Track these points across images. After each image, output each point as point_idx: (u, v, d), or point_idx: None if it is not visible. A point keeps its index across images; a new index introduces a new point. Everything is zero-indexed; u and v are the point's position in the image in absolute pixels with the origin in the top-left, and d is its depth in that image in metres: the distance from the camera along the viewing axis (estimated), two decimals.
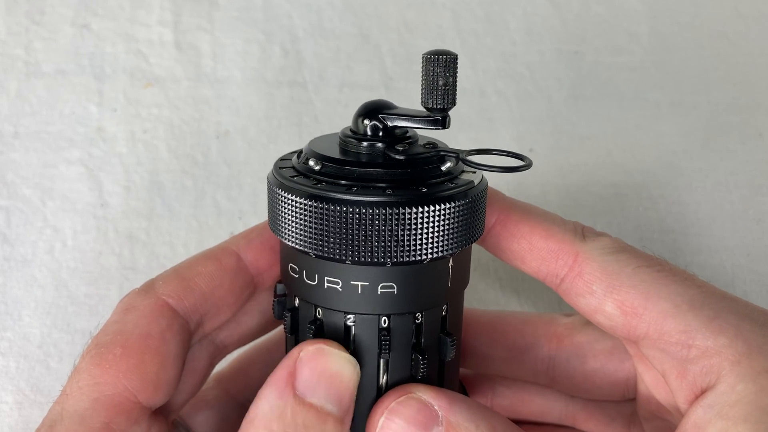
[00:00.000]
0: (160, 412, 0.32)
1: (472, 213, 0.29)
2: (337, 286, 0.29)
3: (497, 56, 0.55)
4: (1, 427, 0.41)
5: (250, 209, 0.48)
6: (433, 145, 0.31)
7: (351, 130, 0.31)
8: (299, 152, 0.33)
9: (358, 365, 0.29)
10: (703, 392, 0.28)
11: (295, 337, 0.32)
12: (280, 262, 0.33)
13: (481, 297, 0.48)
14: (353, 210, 0.27)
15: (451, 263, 0.30)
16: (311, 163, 0.30)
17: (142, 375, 0.29)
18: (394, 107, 0.31)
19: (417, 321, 0.30)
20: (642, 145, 0.53)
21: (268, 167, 0.49)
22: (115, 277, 0.45)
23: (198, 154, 0.49)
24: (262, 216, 0.48)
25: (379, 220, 0.27)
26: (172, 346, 0.31)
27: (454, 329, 0.32)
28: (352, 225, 0.27)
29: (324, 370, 0.28)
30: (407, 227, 0.28)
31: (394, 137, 0.30)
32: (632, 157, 0.53)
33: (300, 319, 0.31)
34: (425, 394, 0.28)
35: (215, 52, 0.52)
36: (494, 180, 0.33)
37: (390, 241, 0.28)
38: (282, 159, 0.33)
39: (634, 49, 0.57)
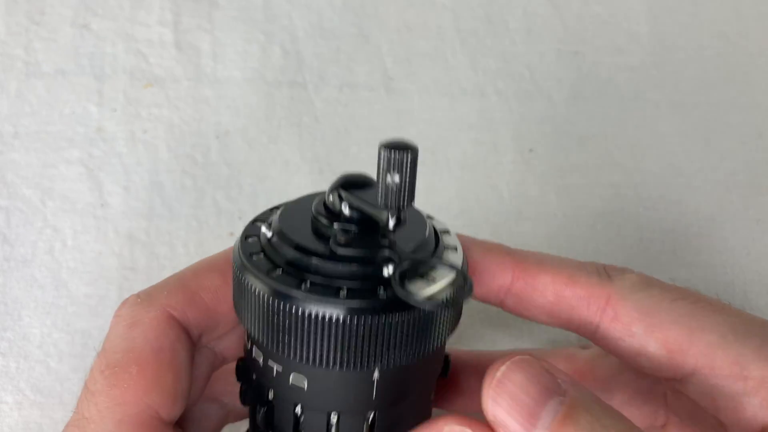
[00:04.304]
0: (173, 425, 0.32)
1: (395, 334, 0.26)
2: (259, 359, 0.28)
3: (497, 56, 0.55)
4: (1, 427, 0.41)
5: (250, 209, 0.48)
6: (389, 241, 0.27)
7: (321, 206, 0.28)
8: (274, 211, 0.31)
9: None
10: (764, 428, 0.27)
11: (252, 409, 0.31)
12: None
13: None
14: (263, 295, 0.25)
15: (376, 375, 0.27)
16: (263, 229, 0.28)
17: (161, 390, 0.29)
18: (368, 184, 0.27)
19: (331, 421, 0.28)
20: (642, 145, 0.53)
21: (268, 167, 0.49)
22: (115, 277, 0.45)
23: (198, 154, 0.49)
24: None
25: (282, 314, 0.25)
26: (182, 357, 0.31)
27: None
28: (261, 309, 0.26)
29: None
30: (312, 330, 0.25)
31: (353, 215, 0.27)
32: (632, 157, 0.53)
33: (241, 371, 0.31)
34: (549, 366, 0.26)
35: (215, 52, 0.52)
36: (495, 181, 0.33)
37: (293, 339, 0.25)
38: (273, 208, 0.31)
39: (634, 49, 0.57)
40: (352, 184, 0.27)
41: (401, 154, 0.25)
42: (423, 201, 0.30)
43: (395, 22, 0.55)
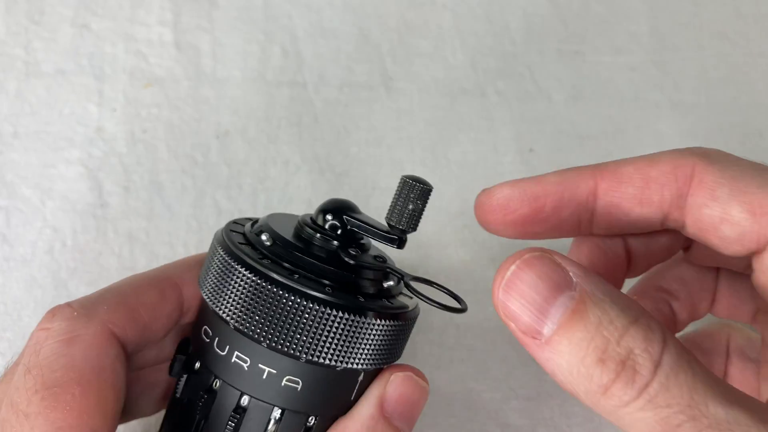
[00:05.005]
0: None
1: (398, 336, 0.30)
2: (245, 365, 0.29)
3: (497, 56, 0.55)
4: None
5: (249, 209, 0.48)
6: (382, 259, 0.32)
7: (311, 219, 0.31)
8: (255, 221, 0.33)
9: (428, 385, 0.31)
10: None
11: (182, 401, 0.31)
12: (196, 320, 0.32)
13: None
14: (287, 296, 0.27)
15: (361, 377, 0.30)
16: (263, 237, 0.30)
17: (103, 413, 0.28)
18: (359, 212, 0.31)
19: (308, 424, 0.30)
20: (642, 145, 0.53)
21: (268, 167, 0.49)
22: (115, 277, 0.45)
23: (198, 154, 0.49)
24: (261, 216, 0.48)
25: (309, 314, 0.27)
26: (122, 377, 0.29)
27: None
28: (282, 310, 0.27)
29: (410, 398, 0.30)
30: (334, 330, 0.28)
31: (350, 239, 0.31)
32: None
33: (196, 384, 0.30)
34: (561, 259, 0.26)
35: (215, 52, 0.52)
36: (495, 181, 0.33)
37: (313, 338, 0.27)
38: (235, 222, 0.33)
39: (634, 49, 0.57)
40: (340, 208, 0.31)
41: (423, 188, 0.29)
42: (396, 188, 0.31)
43: (395, 22, 0.55)
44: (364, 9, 0.55)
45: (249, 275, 0.28)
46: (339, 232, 0.30)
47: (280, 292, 0.27)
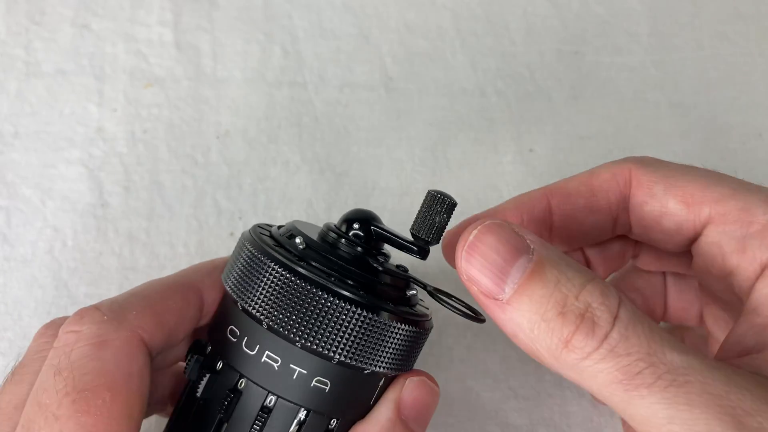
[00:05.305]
0: None
1: (419, 342, 0.31)
2: (275, 364, 0.29)
3: (497, 56, 0.55)
4: None
5: (250, 209, 0.48)
6: (405, 269, 0.33)
7: (336, 227, 0.32)
8: (280, 226, 0.34)
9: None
10: (764, 267, 0.28)
11: (199, 401, 0.31)
12: (218, 321, 0.32)
13: None
14: (326, 297, 0.28)
15: (381, 382, 0.31)
16: (297, 240, 0.31)
17: (130, 419, 0.28)
18: (382, 222, 0.33)
19: (329, 427, 0.30)
20: (642, 145, 0.53)
21: (268, 167, 0.49)
22: (115, 277, 0.45)
23: (198, 154, 0.49)
24: (261, 216, 0.48)
25: (346, 316, 0.28)
26: (148, 383, 0.30)
27: None
28: (320, 311, 0.28)
29: (424, 402, 0.31)
30: (369, 333, 0.28)
31: (373, 249, 0.32)
32: None
33: (218, 384, 0.30)
34: (518, 228, 0.28)
35: (215, 52, 0.52)
36: (495, 181, 0.33)
37: (348, 339, 0.28)
38: (260, 227, 0.33)
39: (634, 49, 0.57)
40: (366, 218, 0.32)
41: (450, 202, 0.30)
42: (422, 201, 0.31)
43: (395, 22, 0.55)
44: (364, 9, 0.55)
45: (287, 276, 0.28)
46: (364, 240, 0.31)
47: (319, 293, 0.28)
